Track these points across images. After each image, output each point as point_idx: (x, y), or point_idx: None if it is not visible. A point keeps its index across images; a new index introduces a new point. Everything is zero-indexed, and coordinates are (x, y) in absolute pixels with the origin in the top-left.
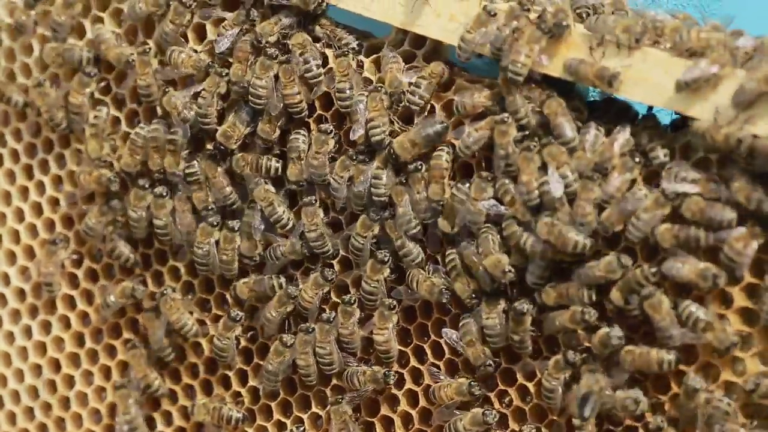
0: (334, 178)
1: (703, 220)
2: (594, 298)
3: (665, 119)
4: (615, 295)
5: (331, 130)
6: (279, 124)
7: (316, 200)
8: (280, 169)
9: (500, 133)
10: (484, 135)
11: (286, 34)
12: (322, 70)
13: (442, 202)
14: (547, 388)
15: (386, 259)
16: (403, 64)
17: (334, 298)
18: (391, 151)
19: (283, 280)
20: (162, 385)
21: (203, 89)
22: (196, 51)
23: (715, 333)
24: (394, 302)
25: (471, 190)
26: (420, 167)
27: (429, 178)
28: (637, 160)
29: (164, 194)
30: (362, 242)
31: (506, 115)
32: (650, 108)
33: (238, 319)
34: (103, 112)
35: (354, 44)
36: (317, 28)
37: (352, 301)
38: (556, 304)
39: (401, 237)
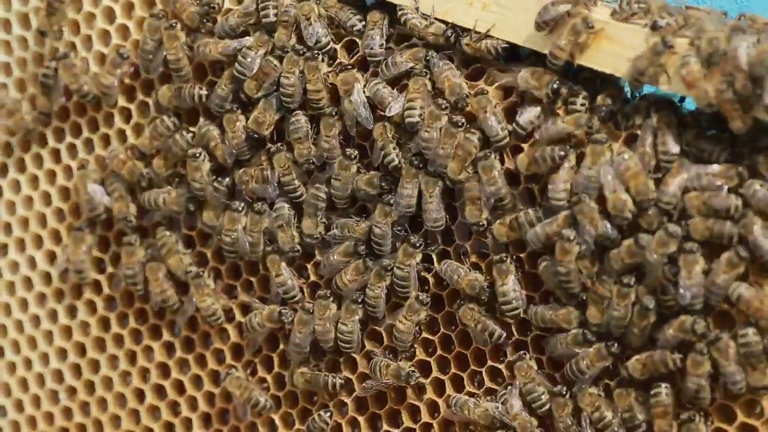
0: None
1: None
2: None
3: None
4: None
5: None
6: (311, 141)
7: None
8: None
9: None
10: (537, 112)
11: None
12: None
13: (481, 224)
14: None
15: (419, 245)
16: (456, 70)
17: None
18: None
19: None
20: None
21: (246, 47)
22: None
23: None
24: (428, 298)
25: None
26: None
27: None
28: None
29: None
30: (384, 229)
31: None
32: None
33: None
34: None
35: (359, 26)
36: (321, 10)
37: (425, 302)
38: None
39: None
